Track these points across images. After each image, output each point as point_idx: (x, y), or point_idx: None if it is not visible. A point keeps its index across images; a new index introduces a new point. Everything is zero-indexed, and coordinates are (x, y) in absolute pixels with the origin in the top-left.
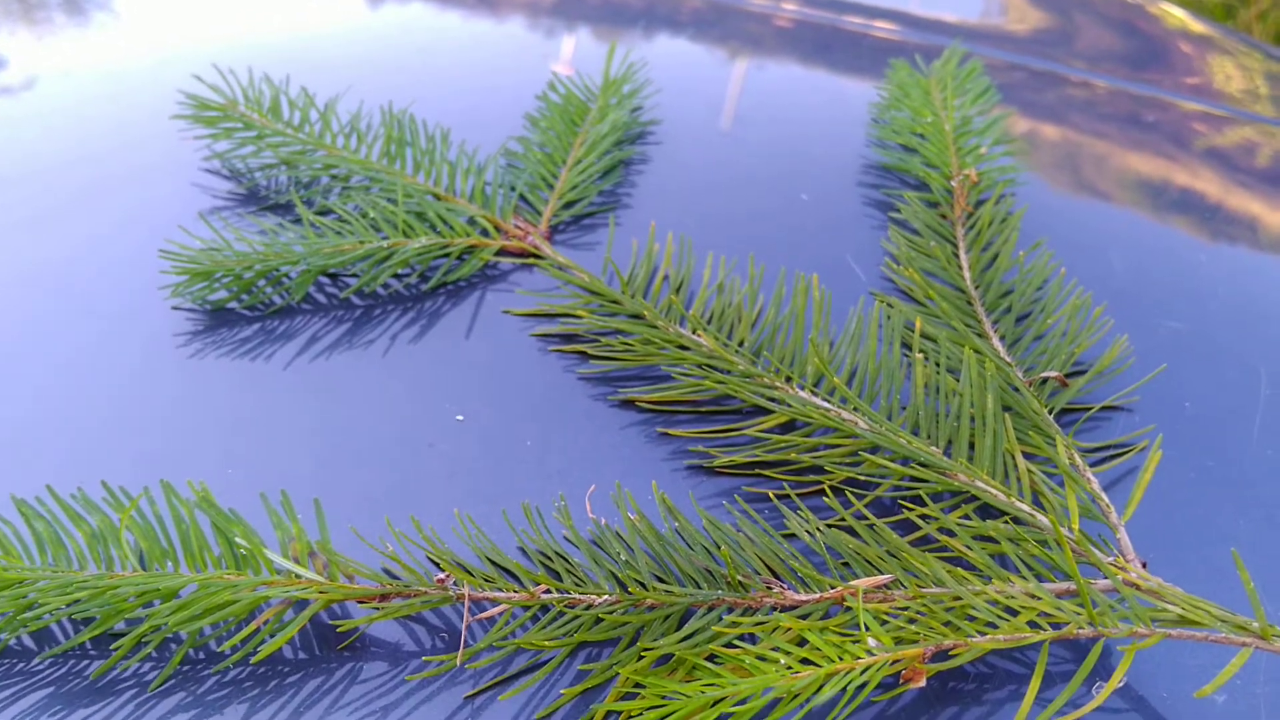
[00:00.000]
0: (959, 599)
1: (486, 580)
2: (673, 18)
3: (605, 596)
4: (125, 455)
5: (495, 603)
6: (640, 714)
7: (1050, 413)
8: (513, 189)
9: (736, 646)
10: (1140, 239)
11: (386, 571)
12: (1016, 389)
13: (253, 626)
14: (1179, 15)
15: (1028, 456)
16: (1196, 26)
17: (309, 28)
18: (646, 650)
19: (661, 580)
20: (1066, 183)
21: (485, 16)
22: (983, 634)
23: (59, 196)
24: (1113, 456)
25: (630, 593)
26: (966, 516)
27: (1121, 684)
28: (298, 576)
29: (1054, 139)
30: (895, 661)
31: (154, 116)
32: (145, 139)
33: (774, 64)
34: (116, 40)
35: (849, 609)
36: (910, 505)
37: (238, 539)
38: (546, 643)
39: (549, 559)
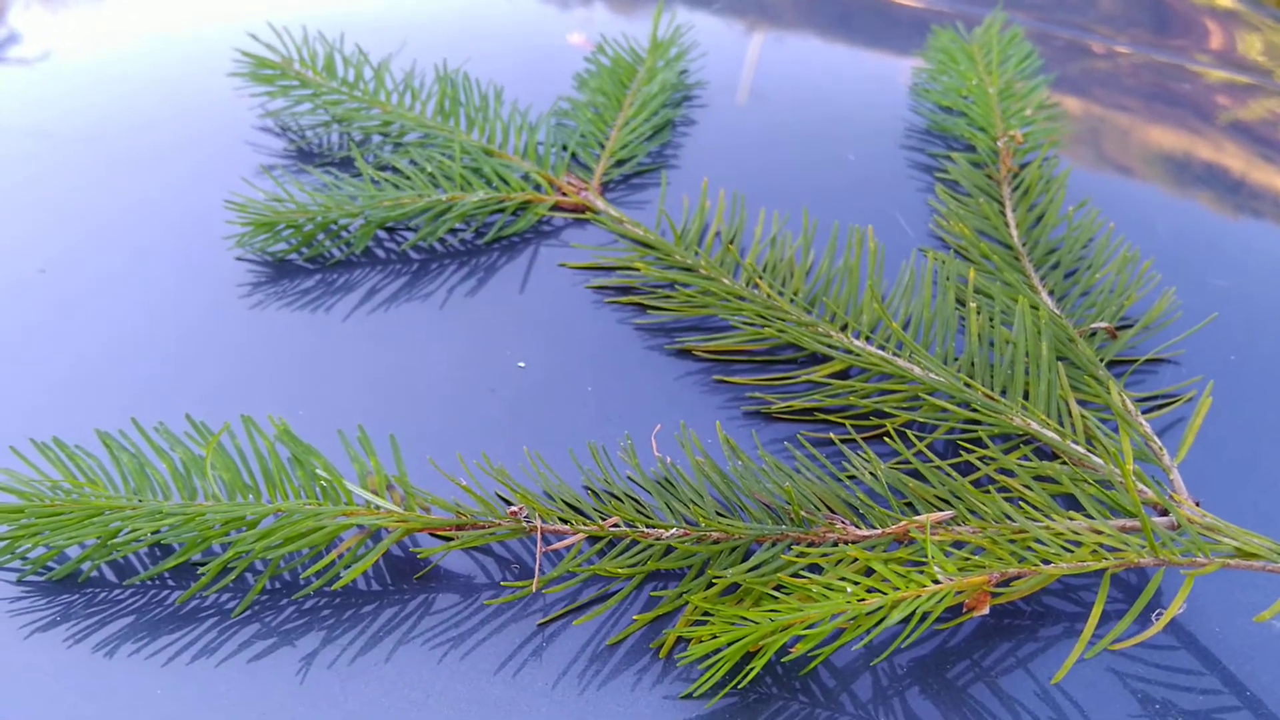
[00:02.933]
0: (1023, 531)
1: (558, 518)
2: None
3: (673, 530)
4: (194, 398)
5: (565, 535)
6: (711, 639)
7: (1100, 362)
8: (564, 147)
9: (802, 577)
10: (1180, 203)
11: (459, 505)
12: (1069, 339)
13: (333, 555)
14: None
15: (1080, 403)
16: (1223, 0)
17: None
18: (715, 579)
19: (725, 516)
20: (1102, 149)
21: None
22: (1048, 563)
23: (121, 153)
24: (1162, 405)
25: (698, 526)
26: (1025, 458)
27: (1181, 611)
28: (377, 507)
29: (1082, 107)
30: (960, 591)
31: (207, 75)
32: (199, 98)
33: (805, 31)
34: (166, 3)
35: (912, 543)
36: (970, 446)
37: (318, 470)
38: (620, 570)
39: (616, 497)
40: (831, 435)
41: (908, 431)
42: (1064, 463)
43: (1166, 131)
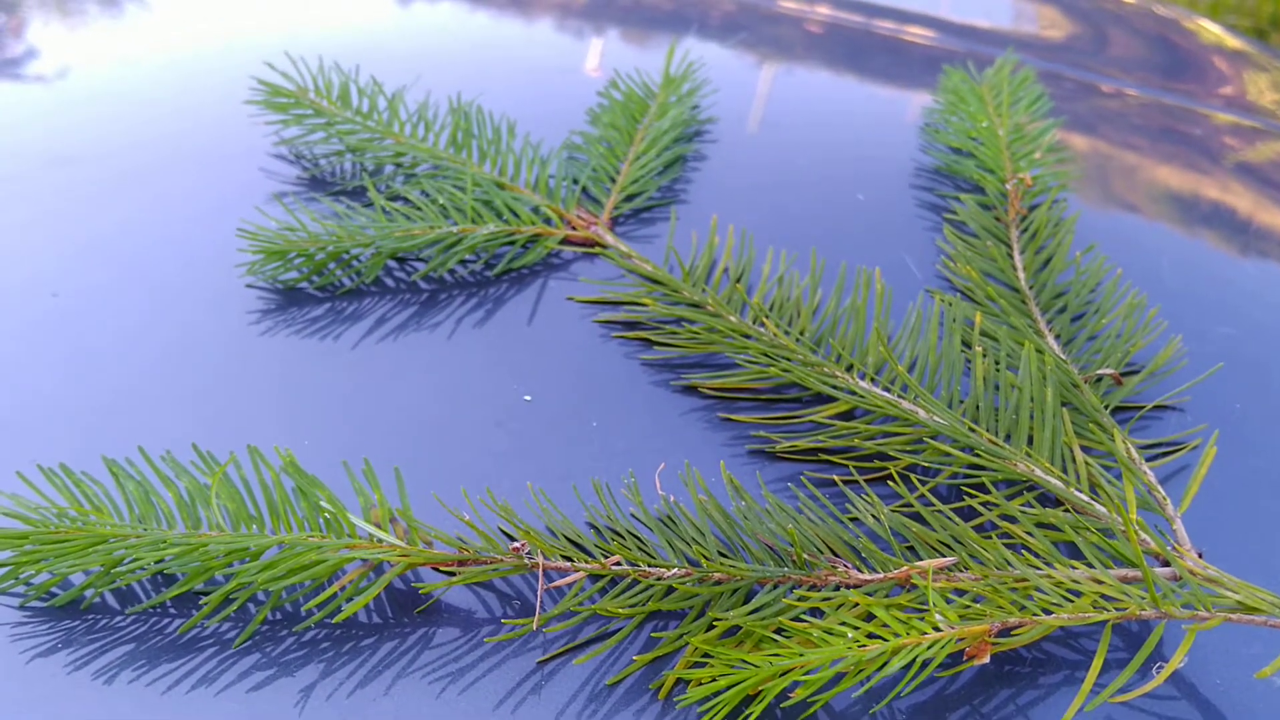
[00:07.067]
0: (1024, 580)
1: (561, 554)
2: (717, 22)
3: (675, 569)
4: (202, 425)
5: (568, 572)
6: (711, 681)
7: (1105, 409)
8: (575, 181)
9: (803, 621)
10: (1187, 247)
11: (462, 540)
12: (1075, 385)
13: (335, 588)
14: (1214, 30)
15: (1084, 450)
16: (1232, 42)
17: (368, 20)
18: (716, 621)
19: (727, 557)
20: (1109, 191)
21: (544, 16)
22: (1049, 612)
23: (133, 177)
24: (1166, 453)
25: (700, 566)
26: (1028, 504)
27: (1182, 664)
28: (380, 540)
29: (1089, 148)
30: (961, 639)
31: (222, 102)
32: (213, 124)
33: (816, 68)
34: (185, 28)
35: (914, 589)
36: (972, 491)
37: (322, 503)
38: (620, 610)
39: (619, 535)
40: (835, 477)
41: (911, 475)
42: (1067, 510)
43: (1174, 173)
